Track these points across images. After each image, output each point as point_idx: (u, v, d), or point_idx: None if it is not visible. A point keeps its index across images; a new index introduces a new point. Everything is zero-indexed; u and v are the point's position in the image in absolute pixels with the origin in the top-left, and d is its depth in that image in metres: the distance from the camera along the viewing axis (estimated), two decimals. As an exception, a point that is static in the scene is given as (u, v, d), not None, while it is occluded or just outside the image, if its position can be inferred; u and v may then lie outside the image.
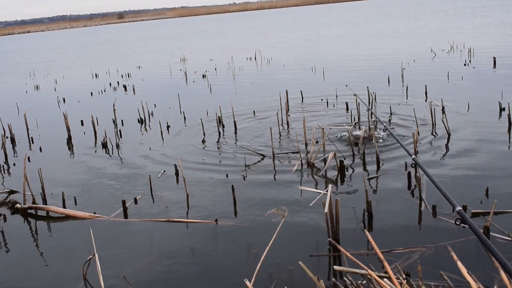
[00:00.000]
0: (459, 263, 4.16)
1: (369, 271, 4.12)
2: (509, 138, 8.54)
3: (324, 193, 5.73)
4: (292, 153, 8.55)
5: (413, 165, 5.81)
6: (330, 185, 5.35)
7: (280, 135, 9.84)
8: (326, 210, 5.09)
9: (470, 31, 30.15)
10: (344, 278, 4.38)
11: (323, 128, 8.28)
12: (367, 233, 4.61)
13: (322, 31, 44.73)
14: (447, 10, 58.64)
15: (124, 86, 19.16)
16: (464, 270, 4.12)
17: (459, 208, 4.61)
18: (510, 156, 7.61)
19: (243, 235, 5.76)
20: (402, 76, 15.37)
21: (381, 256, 4.29)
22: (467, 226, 5.30)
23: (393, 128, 9.54)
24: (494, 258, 4.11)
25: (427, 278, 4.33)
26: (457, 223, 4.84)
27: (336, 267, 4.46)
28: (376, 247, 4.37)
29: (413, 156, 5.82)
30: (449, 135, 8.73)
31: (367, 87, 11.84)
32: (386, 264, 4.20)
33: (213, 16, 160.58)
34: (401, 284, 4.09)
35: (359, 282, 4.26)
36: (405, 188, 6.65)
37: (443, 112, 10.12)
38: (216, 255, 5.37)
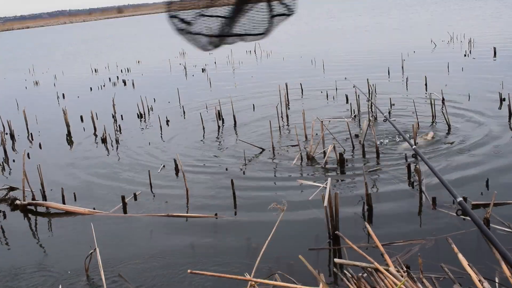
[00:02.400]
0: (460, 255, 4.14)
1: (376, 263, 4.09)
2: (509, 128, 8.49)
3: (323, 187, 5.71)
4: (292, 146, 8.53)
5: (414, 155, 5.80)
6: (329, 178, 5.33)
7: (279, 128, 9.80)
8: (326, 203, 5.07)
9: (468, 22, 30.04)
10: (345, 271, 4.36)
11: (322, 121, 8.24)
12: (368, 226, 4.59)
13: (319, 24, 44.62)
14: (436, 2, 58.27)
15: (124, 81, 19.12)
16: (465, 262, 4.10)
17: (460, 199, 4.59)
18: (511, 147, 7.57)
19: (243, 229, 5.74)
20: (402, 67, 15.31)
21: (382, 249, 4.27)
22: (467, 217, 5.29)
23: (394, 120, 9.52)
24: (495, 249, 4.09)
25: (427, 270, 4.31)
26: (458, 214, 4.83)
27: (337, 260, 4.43)
28: (377, 240, 4.35)
29: (414, 147, 5.80)
30: (449, 126, 8.69)
31: (367, 79, 11.77)
32: (387, 257, 4.17)
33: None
34: (401, 276, 4.07)
35: (360, 274, 4.23)
36: (405, 180, 6.62)
37: (443, 103, 10.07)
38: (216, 249, 5.35)
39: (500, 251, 3.98)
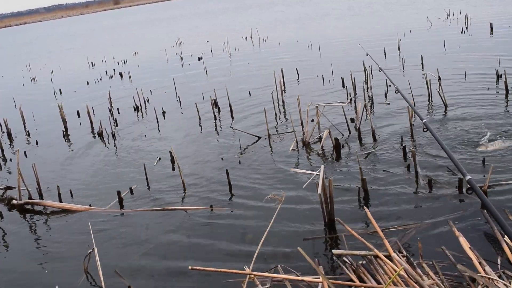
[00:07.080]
0: (461, 238, 4.10)
1: (375, 250, 4.03)
2: (507, 106, 8.41)
3: (317, 174, 5.64)
4: (287, 133, 8.47)
5: (425, 129, 5.75)
6: (322, 166, 5.27)
7: (275, 115, 9.74)
8: (320, 191, 5.03)
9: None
10: (344, 258, 4.30)
11: (317, 106, 8.18)
12: (367, 210, 4.47)
13: (313, 8, 44.34)
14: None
15: (120, 74, 19.04)
16: (466, 245, 4.05)
17: (469, 177, 4.56)
18: (508, 125, 7.48)
19: (240, 221, 5.69)
20: (399, 47, 15.20)
21: (382, 234, 4.17)
22: (465, 200, 5.27)
23: (388, 104, 9.47)
24: (499, 226, 4.07)
25: (426, 253, 4.24)
26: (469, 192, 4.81)
27: (335, 251, 4.32)
28: (376, 226, 4.25)
29: (424, 120, 5.75)
30: (445, 105, 8.62)
31: (363, 61, 11.65)
32: (386, 242, 4.09)
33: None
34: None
35: (360, 262, 4.18)
36: (401, 163, 6.56)
37: (439, 83, 9.98)
38: (212, 242, 5.32)
39: (504, 229, 3.95)
